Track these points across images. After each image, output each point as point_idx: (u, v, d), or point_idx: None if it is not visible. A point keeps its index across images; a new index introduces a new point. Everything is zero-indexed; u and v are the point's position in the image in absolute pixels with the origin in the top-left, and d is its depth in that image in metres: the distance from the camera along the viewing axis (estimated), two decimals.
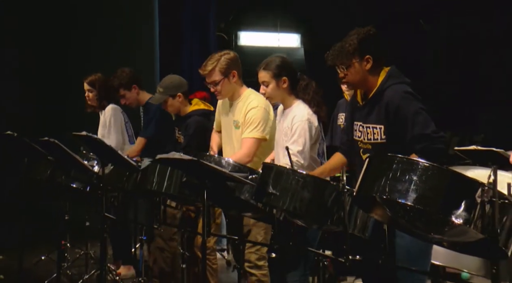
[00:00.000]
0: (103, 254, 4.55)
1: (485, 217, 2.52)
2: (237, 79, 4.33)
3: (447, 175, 2.67)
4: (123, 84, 5.58)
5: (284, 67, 3.97)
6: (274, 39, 10.37)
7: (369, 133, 3.37)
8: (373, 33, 3.40)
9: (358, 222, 3.16)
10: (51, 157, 5.10)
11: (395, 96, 3.26)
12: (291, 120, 3.88)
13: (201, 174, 3.45)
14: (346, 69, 3.38)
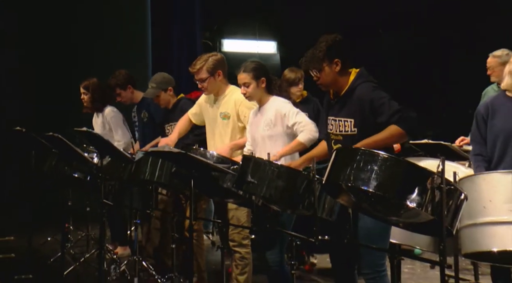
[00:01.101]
0: (102, 236, 4.53)
1: (434, 201, 2.55)
2: (222, 78, 4.32)
3: (403, 165, 2.69)
4: (119, 84, 5.54)
5: (261, 69, 3.98)
6: (254, 46, 10.40)
7: (340, 126, 3.37)
8: (339, 39, 3.40)
9: (326, 207, 3.16)
10: (55, 150, 5.09)
11: (366, 92, 3.27)
12: (274, 111, 3.87)
13: (188, 165, 3.45)
14: (318, 72, 3.38)
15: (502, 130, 3.92)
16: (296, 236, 3.26)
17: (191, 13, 9.22)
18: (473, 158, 4.11)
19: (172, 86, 4.95)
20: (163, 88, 4.90)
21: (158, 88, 4.89)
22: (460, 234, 3.59)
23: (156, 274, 4.65)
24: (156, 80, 4.94)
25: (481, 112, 4.04)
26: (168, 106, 4.99)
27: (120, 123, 5.76)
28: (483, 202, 3.52)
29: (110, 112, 5.77)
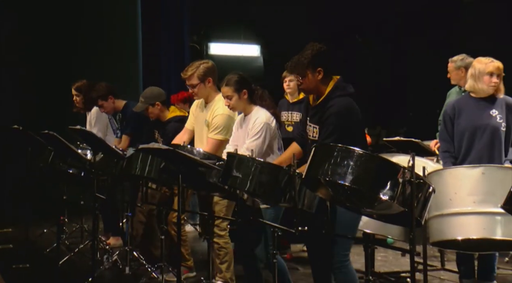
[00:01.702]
0: (95, 228, 4.50)
1: (405, 194, 2.57)
2: (211, 85, 4.30)
3: (376, 160, 2.71)
4: (100, 96, 5.54)
5: (243, 81, 3.94)
6: (238, 49, 10.38)
7: (310, 131, 3.40)
8: (324, 50, 3.38)
9: (306, 200, 3.14)
10: (51, 147, 5.07)
11: (333, 109, 3.26)
12: (253, 122, 3.86)
13: (176, 161, 3.43)
14: (301, 78, 3.37)
15: (467, 128, 3.97)
16: (278, 227, 3.26)
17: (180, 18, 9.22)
18: (441, 155, 4.15)
19: (160, 101, 4.88)
20: (150, 103, 4.85)
21: (146, 103, 4.86)
22: (428, 224, 3.64)
23: (146, 264, 4.63)
24: (145, 95, 4.91)
25: (448, 113, 4.09)
26: (160, 118, 4.93)
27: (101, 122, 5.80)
28: (449, 194, 3.56)
29: (94, 112, 5.83)
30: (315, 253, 3.50)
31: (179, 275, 3.36)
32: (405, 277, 4.66)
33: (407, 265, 4.50)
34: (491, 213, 3.39)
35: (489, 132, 3.91)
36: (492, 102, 3.96)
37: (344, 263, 3.24)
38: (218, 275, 4.18)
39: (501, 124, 3.92)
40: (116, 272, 4.89)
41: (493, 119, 3.92)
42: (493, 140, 3.91)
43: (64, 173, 5.27)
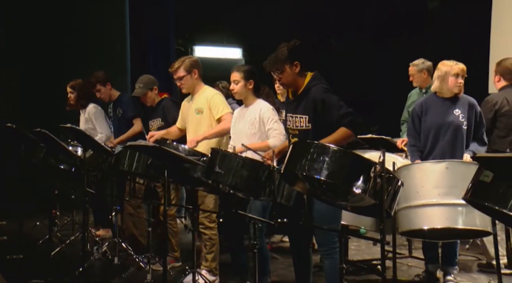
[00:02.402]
0: (86, 220, 4.48)
1: (376, 188, 2.59)
2: (197, 77, 4.32)
3: (350, 156, 2.72)
4: (100, 81, 5.45)
5: (252, 72, 3.95)
6: (222, 52, 10.35)
7: (296, 122, 3.36)
8: (298, 44, 3.40)
9: (284, 193, 3.16)
10: (43, 144, 5.01)
11: (318, 93, 3.27)
12: (258, 111, 3.86)
13: (162, 157, 3.41)
14: (280, 73, 3.38)
15: (433, 125, 4.02)
16: (258, 219, 3.26)
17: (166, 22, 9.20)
18: (409, 149, 4.20)
19: (156, 86, 4.91)
20: (149, 88, 4.84)
21: (145, 88, 4.84)
22: (397, 215, 3.67)
23: (134, 254, 4.60)
24: (143, 81, 4.88)
25: (416, 111, 4.13)
26: (153, 104, 4.91)
27: (101, 117, 5.68)
28: (417, 187, 3.60)
29: (92, 109, 5.69)
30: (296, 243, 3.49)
31: (165, 264, 3.33)
32: (376, 264, 4.70)
33: (378, 253, 4.56)
34: (454, 204, 3.44)
35: (452, 130, 3.97)
36: (455, 102, 4.01)
37: (334, 250, 3.25)
38: (203, 264, 4.17)
39: (463, 122, 3.98)
40: (106, 262, 4.85)
41: (456, 118, 3.98)
42: (455, 137, 3.97)
43: (56, 169, 5.22)
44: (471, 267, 4.74)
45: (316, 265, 3.91)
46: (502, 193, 1.69)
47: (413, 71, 5.08)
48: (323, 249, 3.31)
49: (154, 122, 4.84)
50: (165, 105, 4.81)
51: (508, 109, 4.36)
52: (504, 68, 4.49)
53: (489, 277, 4.25)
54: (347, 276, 3.66)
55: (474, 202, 1.83)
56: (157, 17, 9.14)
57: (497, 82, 4.54)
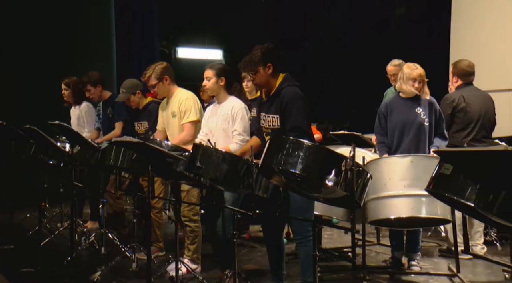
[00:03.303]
0: (73, 212, 4.43)
1: (347, 180, 2.59)
2: (169, 82, 4.24)
3: (323, 151, 2.72)
4: (90, 82, 5.42)
5: (224, 69, 3.92)
6: (203, 53, 10.29)
7: (269, 121, 3.37)
8: (271, 47, 3.40)
9: (262, 186, 3.15)
10: (32, 140, 4.94)
11: (288, 95, 3.27)
12: (230, 108, 3.82)
13: (146, 152, 3.38)
14: (254, 74, 3.37)
15: (398, 124, 4.07)
16: (237, 210, 3.25)
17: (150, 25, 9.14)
18: (377, 145, 4.24)
19: (140, 90, 4.80)
20: (132, 92, 4.75)
21: (128, 93, 4.75)
22: (367, 206, 3.70)
23: (120, 244, 4.55)
24: (126, 86, 4.79)
25: (382, 110, 4.19)
26: (138, 107, 4.83)
27: (92, 117, 5.62)
28: (384, 180, 3.63)
29: (85, 107, 5.65)
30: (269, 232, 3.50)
31: (149, 254, 3.31)
32: (347, 251, 4.73)
33: (349, 241, 4.61)
34: (418, 195, 3.49)
35: (415, 128, 4.02)
36: (417, 101, 4.06)
37: (308, 239, 3.26)
38: (186, 254, 4.14)
39: (425, 120, 4.03)
40: (93, 251, 4.81)
41: (418, 116, 4.03)
42: (418, 134, 4.02)
43: (45, 164, 5.15)
44: (432, 252, 4.81)
45: (292, 253, 3.93)
46: (460, 184, 1.72)
47: (395, 71, 5.03)
48: (298, 237, 3.33)
49: (141, 124, 4.77)
50: (151, 110, 4.72)
51: (464, 106, 4.44)
52: (460, 69, 4.57)
53: (448, 261, 4.32)
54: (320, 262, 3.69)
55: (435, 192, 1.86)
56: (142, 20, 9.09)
57: (454, 82, 4.62)
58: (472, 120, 4.44)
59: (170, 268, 3.90)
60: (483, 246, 4.56)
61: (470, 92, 4.50)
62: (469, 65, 4.56)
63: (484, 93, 4.61)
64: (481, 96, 4.56)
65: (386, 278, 4.05)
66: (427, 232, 5.25)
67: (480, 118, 4.46)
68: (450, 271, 4.04)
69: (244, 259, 4.52)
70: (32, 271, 4.20)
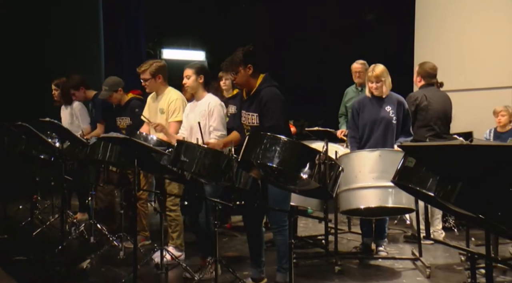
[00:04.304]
0: (64, 204, 4.37)
1: (320, 173, 2.61)
2: (162, 81, 4.20)
3: (298, 146, 2.74)
4: (72, 86, 5.35)
5: (202, 68, 3.91)
6: (187, 54, 10.22)
7: (249, 119, 3.37)
8: (252, 49, 3.39)
9: (242, 179, 3.15)
10: (24, 136, 4.85)
11: (267, 95, 3.27)
12: (207, 104, 3.80)
13: (132, 147, 3.34)
14: (235, 74, 3.36)
15: (368, 120, 4.11)
16: (218, 202, 3.25)
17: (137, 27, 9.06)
18: (349, 139, 4.28)
19: (121, 87, 4.73)
20: (114, 90, 4.68)
21: (110, 90, 4.67)
22: (339, 197, 3.73)
23: (108, 234, 4.51)
24: (108, 84, 4.71)
25: (355, 107, 4.23)
26: (120, 103, 4.76)
27: (85, 114, 5.55)
28: (355, 172, 3.66)
29: (78, 105, 5.55)
30: (250, 222, 3.50)
31: (135, 242, 3.28)
32: (321, 239, 4.76)
33: (323, 230, 4.64)
34: (385, 186, 3.53)
35: (384, 124, 4.06)
36: (386, 100, 4.10)
37: (284, 228, 3.27)
38: (170, 242, 4.13)
39: (392, 117, 4.07)
40: (82, 241, 4.75)
41: (387, 114, 4.07)
42: (386, 130, 4.06)
43: (36, 158, 5.08)
44: (398, 239, 4.88)
45: (269, 241, 3.93)
46: (422, 176, 1.74)
47: (362, 69, 5.06)
48: (274, 227, 3.33)
49: (123, 120, 4.70)
50: (134, 106, 4.66)
51: (426, 104, 4.53)
52: (423, 71, 4.66)
53: (412, 246, 4.39)
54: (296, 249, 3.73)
55: (400, 184, 1.88)
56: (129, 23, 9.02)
57: (418, 82, 4.70)
58: (433, 118, 4.53)
59: (155, 256, 3.88)
60: (442, 231, 4.66)
61: (431, 92, 4.59)
62: (433, 68, 4.65)
63: (443, 93, 4.71)
64: (441, 96, 4.66)
65: (356, 263, 4.10)
66: (393, 220, 5.32)
67: (440, 116, 4.56)
68: (414, 255, 4.10)
69: (225, 247, 4.51)
70: (25, 259, 4.15)
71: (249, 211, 3.43)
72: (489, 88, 6.04)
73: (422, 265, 3.86)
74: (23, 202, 6.06)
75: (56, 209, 5.67)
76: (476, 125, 5.60)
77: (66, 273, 3.83)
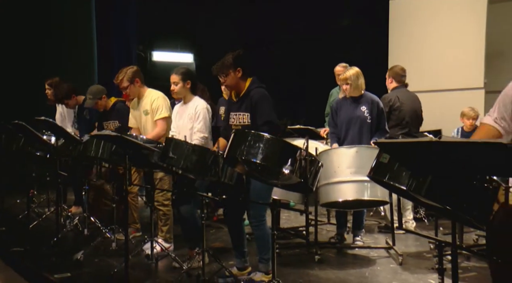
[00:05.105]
0: (59, 198, 4.34)
1: (301, 168, 2.62)
2: (140, 84, 4.14)
3: (280, 143, 2.73)
4: (64, 96, 5.27)
5: (188, 73, 3.85)
6: (176, 56, 10.15)
7: (239, 119, 3.34)
8: (242, 53, 3.37)
9: (227, 174, 3.13)
10: (21, 134, 4.79)
11: (257, 95, 3.25)
12: (194, 108, 3.76)
13: (124, 145, 3.30)
14: (225, 77, 3.33)
15: (345, 119, 4.16)
16: (205, 196, 3.23)
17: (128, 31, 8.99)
18: (330, 135, 4.36)
19: (104, 94, 4.68)
20: (98, 98, 4.63)
21: (95, 98, 4.62)
22: (319, 191, 3.74)
23: (101, 226, 4.46)
24: (92, 92, 4.65)
25: (334, 107, 4.27)
26: (106, 108, 4.71)
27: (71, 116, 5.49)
28: (334, 167, 3.68)
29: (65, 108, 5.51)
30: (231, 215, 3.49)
31: (127, 234, 3.25)
32: (302, 230, 4.78)
33: (304, 221, 4.65)
34: (362, 181, 3.55)
35: (359, 123, 4.10)
36: (361, 100, 4.14)
37: (262, 222, 3.26)
38: (160, 234, 4.09)
39: (367, 117, 4.11)
40: (77, 233, 4.70)
41: (362, 113, 4.11)
42: (361, 128, 4.10)
43: (33, 155, 5.01)
44: (373, 229, 4.92)
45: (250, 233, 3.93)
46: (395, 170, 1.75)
47: (342, 71, 5.08)
48: (253, 221, 3.29)
49: (110, 124, 4.64)
50: (119, 109, 4.62)
51: (399, 105, 4.59)
52: (395, 73, 4.72)
53: (386, 236, 4.43)
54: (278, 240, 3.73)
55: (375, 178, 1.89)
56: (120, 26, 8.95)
57: (390, 84, 4.76)
58: (405, 117, 4.60)
59: (146, 247, 3.86)
60: (413, 222, 4.72)
61: (403, 94, 4.66)
62: (402, 69, 4.76)
63: (413, 95, 4.79)
64: (411, 97, 4.73)
65: (334, 252, 4.12)
66: (369, 212, 5.37)
67: (411, 115, 4.63)
68: (387, 244, 4.14)
69: (211, 238, 4.50)
70: (22, 250, 4.11)
71: (232, 205, 3.42)
72: (457, 89, 6.12)
73: (395, 253, 3.90)
74: (20, 196, 6.00)
75: (51, 203, 5.60)
76: (445, 124, 5.67)
77: (61, 263, 3.79)
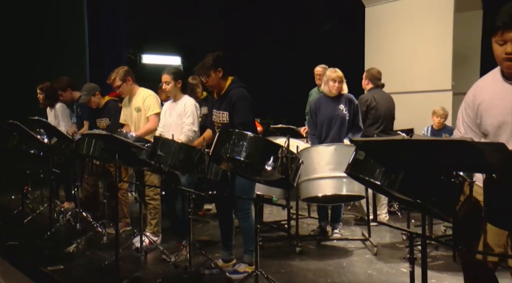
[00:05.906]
0: (52, 194, 4.27)
1: (283, 165, 2.60)
2: (132, 82, 4.11)
3: (263, 141, 2.71)
4: (60, 88, 5.19)
5: (179, 73, 3.82)
6: (164, 59, 10.08)
7: (219, 117, 3.33)
8: (221, 55, 3.35)
9: (213, 171, 3.10)
10: (16, 133, 4.68)
11: (236, 95, 3.23)
12: (183, 105, 3.73)
13: (114, 143, 3.24)
14: (207, 77, 3.31)
15: (325, 118, 4.14)
16: (192, 191, 3.19)
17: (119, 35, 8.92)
18: (310, 136, 4.31)
19: (98, 91, 4.61)
20: (91, 94, 4.56)
21: (88, 95, 4.56)
22: (300, 186, 3.73)
23: (93, 221, 4.38)
24: (86, 89, 4.59)
25: (312, 107, 4.24)
26: (99, 106, 4.64)
27: (65, 115, 5.36)
28: (314, 164, 3.67)
29: (60, 107, 5.38)
30: (222, 209, 3.47)
31: (117, 228, 3.20)
32: (284, 224, 4.78)
33: (285, 215, 4.64)
34: (340, 177, 3.55)
35: (339, 121, 4.10)
36: (339, 99, 4.14)
37: (248, 215, 3.26)
38: (148, 228, 4.05)
39: (346, 115, 4.11)
40: (69, 227, 4.62)
41: (341, 111, 4.10)
42: (342, 126, 4.10)
43: (27, 153, 4.90)
44: (351, 222, 4.94)
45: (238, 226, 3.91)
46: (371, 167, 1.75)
47: (321, 72, 5.00)
48: (239, 213, 3.30)
49: (103, 121, 4.58)
50: (112, 107, 4.56)
51: (375, 105, 4.61)
52: (371, 75, 4.74)
53: (362, 228, 4.46)
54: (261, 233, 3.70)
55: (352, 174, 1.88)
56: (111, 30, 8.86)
57: (366, 85, 4.78)
58: (380, 117, 4.62)
59: (135, 240, 3.81)
60: (387, 215, 4.76)
61: (379, 94, 4.69)
62: (378, 72, 4.79)
63: (388, 95, 4.81)
64: (386, 97, 4.76)
65: (314, 244, 4.12)
66: (347, 206, 5.39)
67: (386, 115, 4.66)
68: (363, 236, 4.16)
69: (198, 232, 4.46)
70: (17, 244, 4.04)
71: (221, 200, 3.39)
72: (427, 91, 6.19)
73: (371, 245, 3.92)
74: (15, 193, 5.91)
75: (45, 198, 5.48)
76: (416, 123, 5.74)
77: (55, 256, 3.73)
